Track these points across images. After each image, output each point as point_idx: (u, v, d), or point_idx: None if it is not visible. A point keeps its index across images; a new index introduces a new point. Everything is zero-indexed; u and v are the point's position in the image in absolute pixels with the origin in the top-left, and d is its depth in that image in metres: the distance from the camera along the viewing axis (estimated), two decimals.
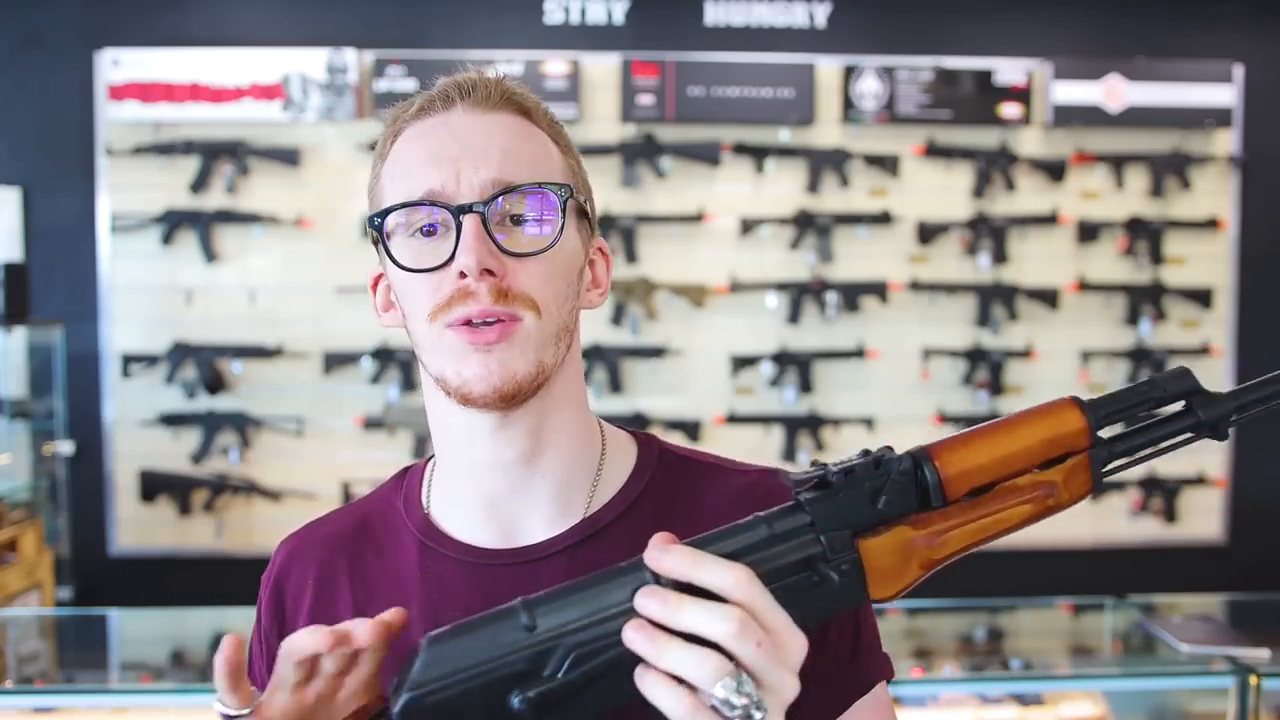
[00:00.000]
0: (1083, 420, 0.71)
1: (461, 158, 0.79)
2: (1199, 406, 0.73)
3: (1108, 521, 4.14)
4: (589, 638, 0.62)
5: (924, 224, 4.01)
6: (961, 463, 0.69)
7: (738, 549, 0.65)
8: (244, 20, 3.95)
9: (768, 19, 4.05)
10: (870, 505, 0.67)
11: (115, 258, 3.92)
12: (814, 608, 0.66)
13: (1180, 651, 2.37)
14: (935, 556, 0.68)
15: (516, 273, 0.78)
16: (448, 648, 0.63)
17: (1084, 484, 0.71)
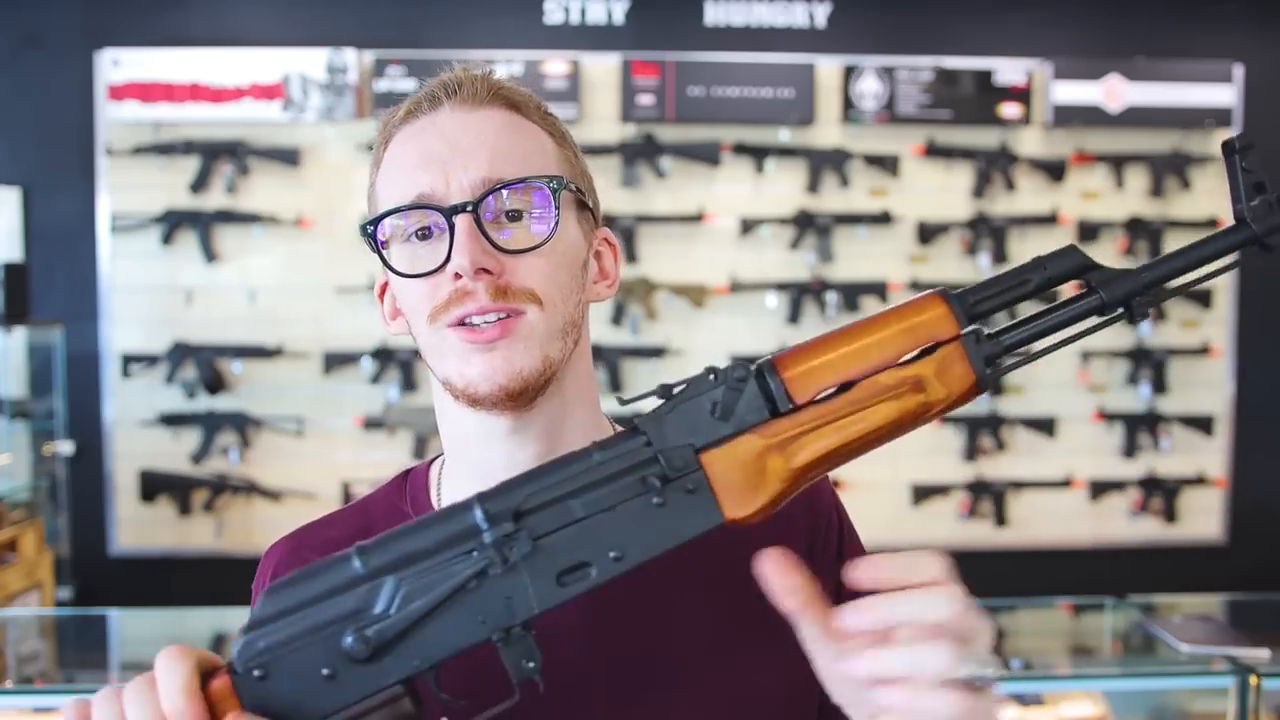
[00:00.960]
0: (943, 305, 0.65)
1: (450, 158, 0.78)
2: (1098, 284, 0.66)
3: (1108, 521, 4.14)
4: (417, 571, 0.62)
5: (924, 224, 4.01)
6: (805, 364, 0.64)
7: (570, 474, 0.63)
8: (244, 20, 3.95)
9: (768, 19, 4.05)
10: (709, 418, 0.63)
11: (115, 258, 3.92)
12: (662, 532, 0.62)
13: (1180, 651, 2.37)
14: (794, 465, 0.63)
15: (515, 269, 0.77)
16: (283, 593, 0.63)
17: (963, 376, 0.64)
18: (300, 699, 0.61)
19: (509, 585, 0.62)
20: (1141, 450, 4.11)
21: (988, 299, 0.66)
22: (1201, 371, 4.13)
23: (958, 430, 4.06)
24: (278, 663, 0.62)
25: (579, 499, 0.63)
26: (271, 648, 0.62)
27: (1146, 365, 4.07)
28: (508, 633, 0.62)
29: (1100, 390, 4.11)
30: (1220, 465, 4.15)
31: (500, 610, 0.62)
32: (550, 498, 0.63)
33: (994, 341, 0.65)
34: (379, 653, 0.61)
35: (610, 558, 0.63)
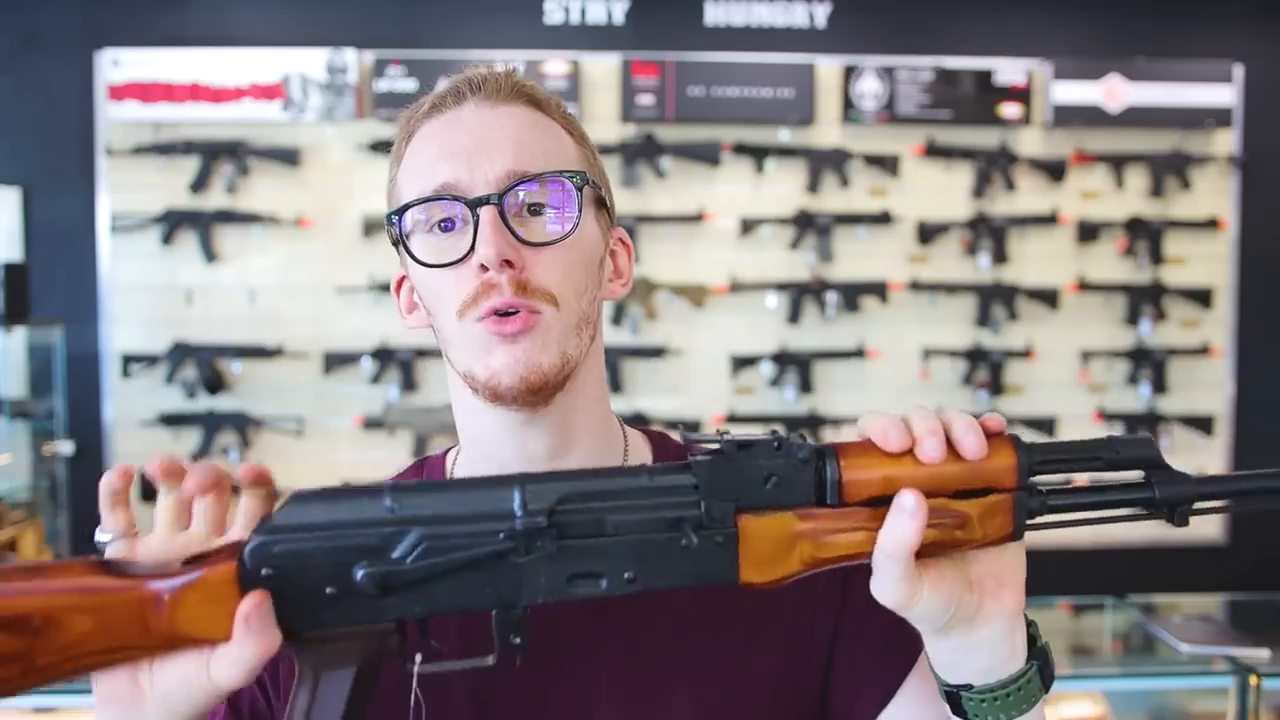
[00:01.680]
0: (1013, 458, 0.66)
1: (475, 151, 0.79)
2: (1158, 482, 0.68)
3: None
4: (444, 532, 0.64)
5: (924, 224, 4.01)
6: (867, 467, 0.65)
7: (613, 489, 0.65)
8: (244, 20, 3.95)
9: (768, 19, 4.05)
10: (760, 484, 0.65)
11: (115, 258, 3.92)
12: (678, 571, 0.64)
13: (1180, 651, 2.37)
14: (820, 555, 0.65)
15: (534, 264, 0.78)
16: (311, 506, 0.65)
17: (1002, 526, 0.66)
18: (298, 607, 0.64)
19: (523, 571, 0.64)
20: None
21: (1053, 463, 0.67)
22: (1201, 371, 4.13)
23: None
24: (288, 570, 0.64)
25: (614, 516, 0.64)
26: (286, 555, 0.64)
27: (1146, 365, 4.07)
28: (508, 609, 0.65)
29: (1100, 390, 4.11)
30: (1220, 465, 4.15)
31: (508, 589, 0.64)
32: (588, 505, 0.65)
33: (1041, 500, 0.67)
34: (386, 592, 0.64)
35: (624, 577, 0.65)
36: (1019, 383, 4.06)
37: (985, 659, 0.68)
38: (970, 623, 0.67)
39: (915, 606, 0.64)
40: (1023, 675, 0.68)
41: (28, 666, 0.62)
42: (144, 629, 0.62)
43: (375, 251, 3.90)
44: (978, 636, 0.67)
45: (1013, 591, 0.68)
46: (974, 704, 0.68)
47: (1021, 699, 0.68)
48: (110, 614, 0.62)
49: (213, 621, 0.63)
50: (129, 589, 0.63)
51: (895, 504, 0.63)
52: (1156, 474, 0.68)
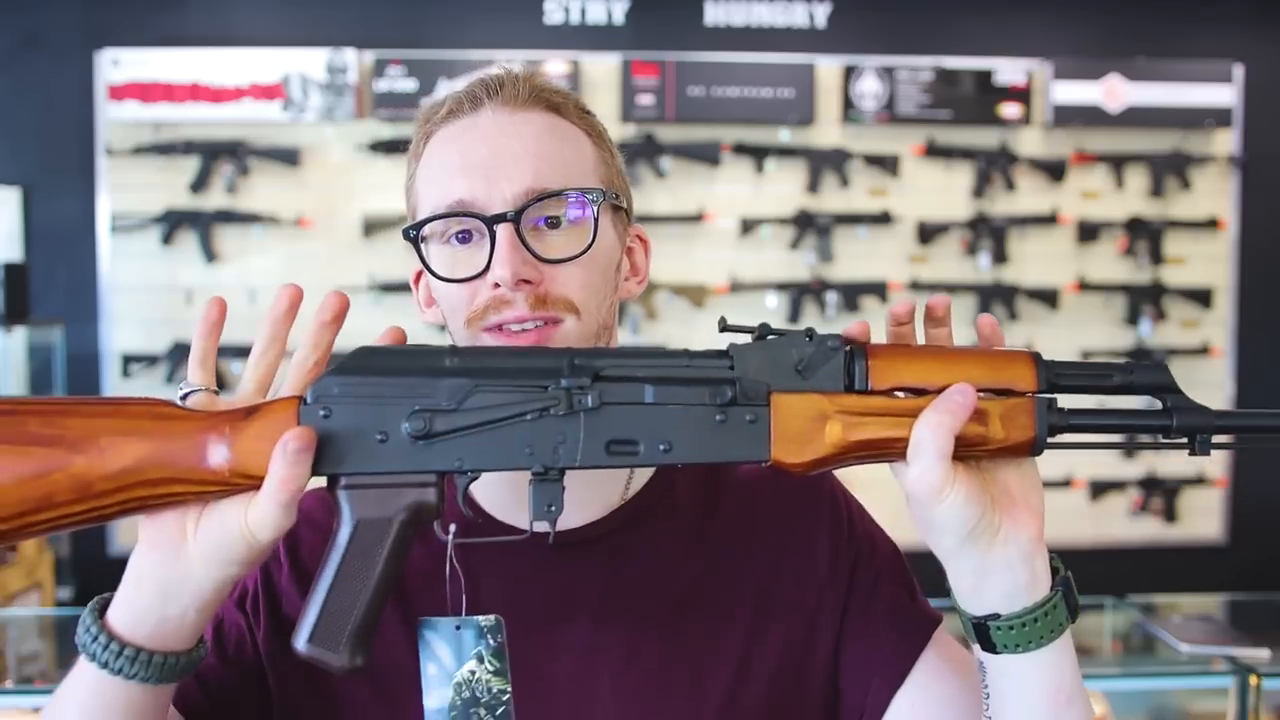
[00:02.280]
0: (1032, 367, 0.69)
1: (493, 165, 0.79)
2: (1176, 410, 0.70)
3: (1108, 521, 4.14)
4: (494, 385, 0.67)
5: (924, 224, 4.01)
6: (894, 357, 0.70)
7: (651, 364, 0.69)
8: (244, 20, 3.95)
9: (768, 19, 4.05)
10: (792, 369, 0.69)
11: (115, 258, 3.92)
12: (713, 446, 0.68)
13: (1180, 651, 2.37)
14: (850, 438, 0.68)
15: (554, 278, 0.79)
16: (377, 355, 0.69)
17: (1025, 428, 0.69)
18: (348, 448, 0.67)
19: (563, 431, 0.67)
20: (1142, 450, 4.11)
21: (1070, 376, 0.70)
22: (1201, 371, 4.12)
23: None
24: (344, 410, 0.67)
25: (654, 387, 0.68)
26: (344, 396, 0.68)
27: None
28: (546, 471, 0.68)
29: None
30: (1220, 465, 4.15)
31: (547, 449, 0.67)
32: (630, 374, 0.68)
33: (1062, 415, 0.69)
34: (430, 438, 0.67)
35: (659, 448, 0.68)
36: None
37: (1006, 581, 0.69)
38: (991, 538, 0.68)
39: (945, 499, 0.65)
40: (1047, 601, 0.69)
41: (84, 491, 0.64)
42: (200, 461, 0.65)
43: (375, 251, 3.90)
44: (997, 555, 0.68)
45: (1030, 513, 0.70)
46: (1001, 633, 0.69)
47: (1049, 624, 0.69)
48: (171, 442, 0.65)
49: (268, 456, 0.65)
50: (192, 420, 0.66)
51: (951, 388, 0.66)
52: (1174, 399, 0.70)
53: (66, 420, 0.64)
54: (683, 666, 0.83)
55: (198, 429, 0.66)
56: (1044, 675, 0.70)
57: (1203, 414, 0.69)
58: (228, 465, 0.65)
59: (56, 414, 0.64)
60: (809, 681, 0.85)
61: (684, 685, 0.82)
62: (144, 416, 0.65)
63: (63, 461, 0.63)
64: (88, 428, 0.64)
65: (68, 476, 0.63)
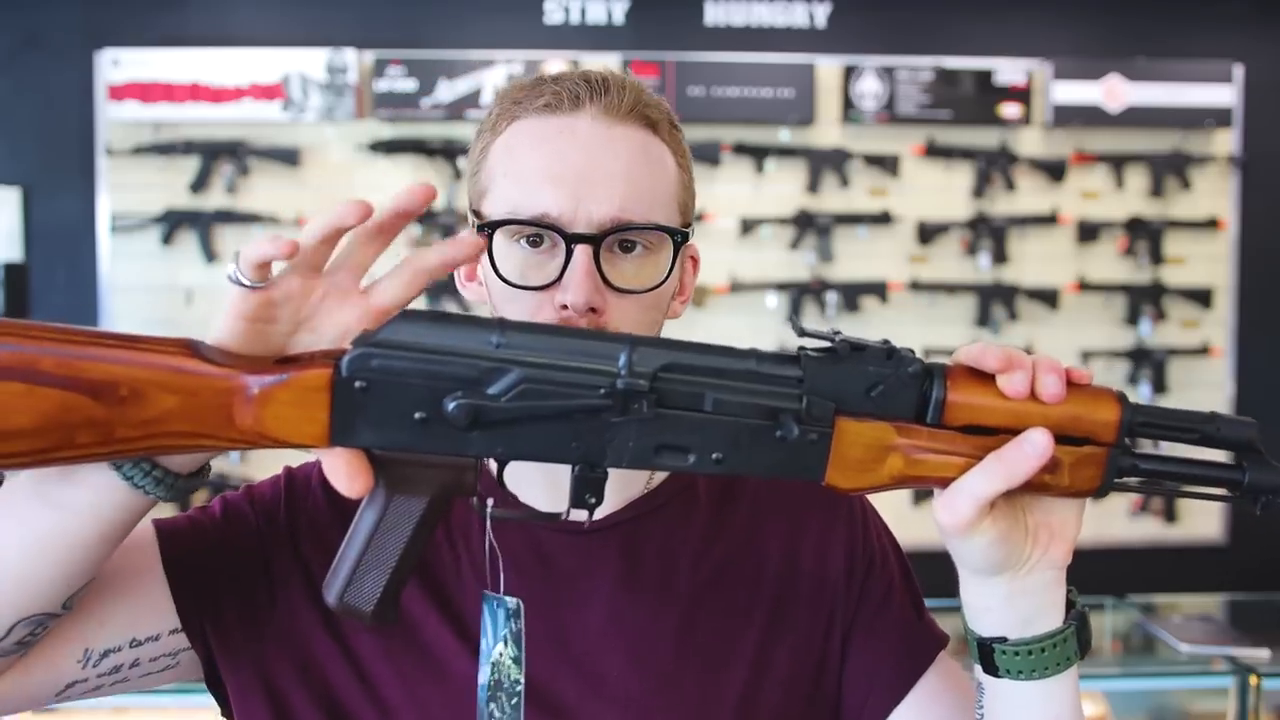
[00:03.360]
0: (1117, 413, 0.66)
1: (583, 181, 0.77)
2: (1251, 466, 0.67)
3: (1108, 521, 4.14)
4: (544, 377, 0.63)
5: (924, 224, 4.01)
6: (974, 393, 0.65)
7: (719, 367, 0.64)
8: (244, 20, 3.95)
9: (768, 19, 4.05)
10: (865, 390, 0.64)
11: (115, 258, 3.92)
12: (767, 461, 0.64)
13: (1180, 651, 2.37)
14: (910, 473, 0.65)
15: (616, 306, 0.77)
16: (417, 326, 0.64)
17: (1092, 479, 0.66)
18: (384, 423, 0.63)
19: (614, 431, 0.64)
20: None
21: (1154, 427, 0.67)
22: (1201, 371, 4.12)
23: None
24: (381, 386, 0.63)
25: (715, 394, 0.64)
26: (382, 370, 0.63)
27: (1146, 365, 4.07)
28: (591, 467, 0.64)
29: None
30: None
31: (594, 446, 0.64)
32: (692, 377, 0.64)
33: (1133, 461, 0.67)
34: (476, 426, 0.63)
35: (712, 457, 0.64)
36: None
37: (1025, 608, 0.67)
38: (1018, 569, 0.66)
39: (973, 537, 0.63)
40: (1060, 633, 0.68)
41: (106, 435, 0.61)
42: (227, 420, 0.63)
43: None
44: (1022, 584, 0.66)
45: (1062, 544, 0.67)
46: (1006, 657, 0.67)
47: (1056, 656, 0.67)
48: (198, 399, 0.62)
49: (297, 424, 0.63)
50: (221, 377, 0.63)
51: (1024, 437, 0.62)
52: (1251, 458, 0.67)
53: (83, 365, 0.60)
54: (697, 660, 0.83)
55: (224, 388, 0.63)
56: (1043, 706, 0.68)
57: (1277, 473, 0.67)
58: (254, 429, 0.64)
59: (73, 356, 0.60)
60: (821, 687, 0.85)
61: (698, 678, 0.82)
62: (165, 369, 0.63)
63: (82, 407, 0.60)
64: (107, 374, 0.61)
65: (88, 421, 0.60)
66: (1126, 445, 0.66)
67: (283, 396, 0.63)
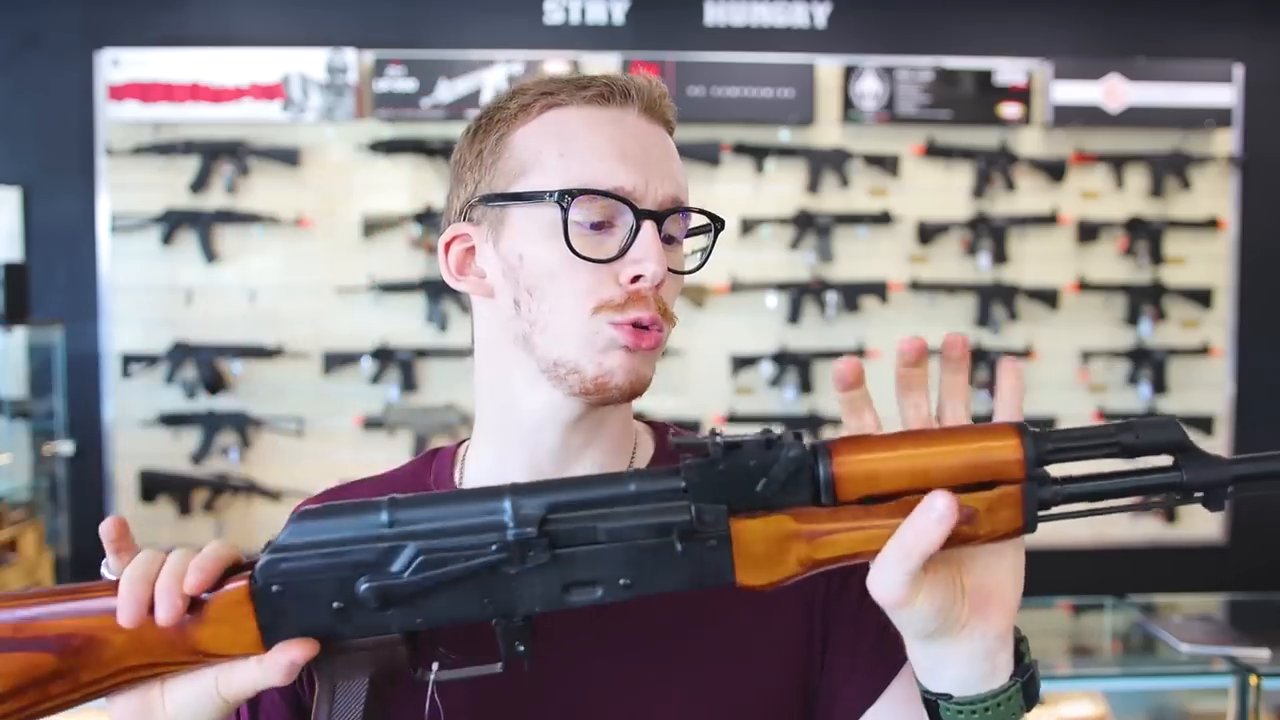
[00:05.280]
0: (1019, 450, 0.62)
1: (648, 164, 0.81)
2: (1186, 465, 0.64)
3: (1108, 521, 4.14)
4: (439, 545, 0.65)
5: (924, 224, 4.01)
6: (862, 464, 0.63)
7: (603, 497, 0.65)
8: (244, 20, 3.95)
9: (768, 19, 4.05)
10: (751, 485, 0.63)
11: (115, 258, 3.92)
12: (674, 576, 0.64)
13: (1180, 651, 2.37)
14: (816, 556, 0.63)
15: (665, 287, 0.82)
16: (313, 523, 0.67)
17: (1012, 519, 0.62)
18: (307, 619, 0.66)
19: (518, 581, 0.65)
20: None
21: (1066, 450, 0.63)
22: (1201, 371, 4.13)
23: None
24: (295, 586, 0.66)
25: (605, 524, 0.64)
26: (293, 572, 0.66)
27: (1146, 365, 4.07)
28: (507, 619, 0.66)
29: (1100, 390, 4.11)
30: None
31: (504, 599, 0.66)
32: (578, 515, 0.65)
33: (1054, 489, 0.63)
34: (389, 605, 0.66)
35: (620, 584, 0.65)
36: None
37: (963, 670, 0.67)
38: (955, 634, 0.65)
39: (910, 607, 0.63)
40: (1003, 692, 0.67)
41: (74, 682, 0.67)
42: (174, 645, 0.67)
43: (375, 251, 3.90)
44: (959, 650, 0.66)
45: (1001, 611, 0.66)
46: (950, 713, 0.67)
47: (1001, 714, 0.67)
48: (142, 632, 0.66)
49: (232, 638, 0.66)
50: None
51: (925, 504, 0.60)
52: (1184, 457, 0.64)
53: (36, 625, 0.67)
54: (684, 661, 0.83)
55: None
56: None
57: (1217, 466, 0.64)
58: (197, 649, 0.67)
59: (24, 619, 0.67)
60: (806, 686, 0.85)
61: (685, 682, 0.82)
62: (107, 612, 0.67)
63: (45, 662, 0.66)
64: (58, 628, 0.67)
65: (54, 673, 0.66)
66: (1042, 476, 0.63)
67: (212, 615, 0.66)
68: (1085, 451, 0.63)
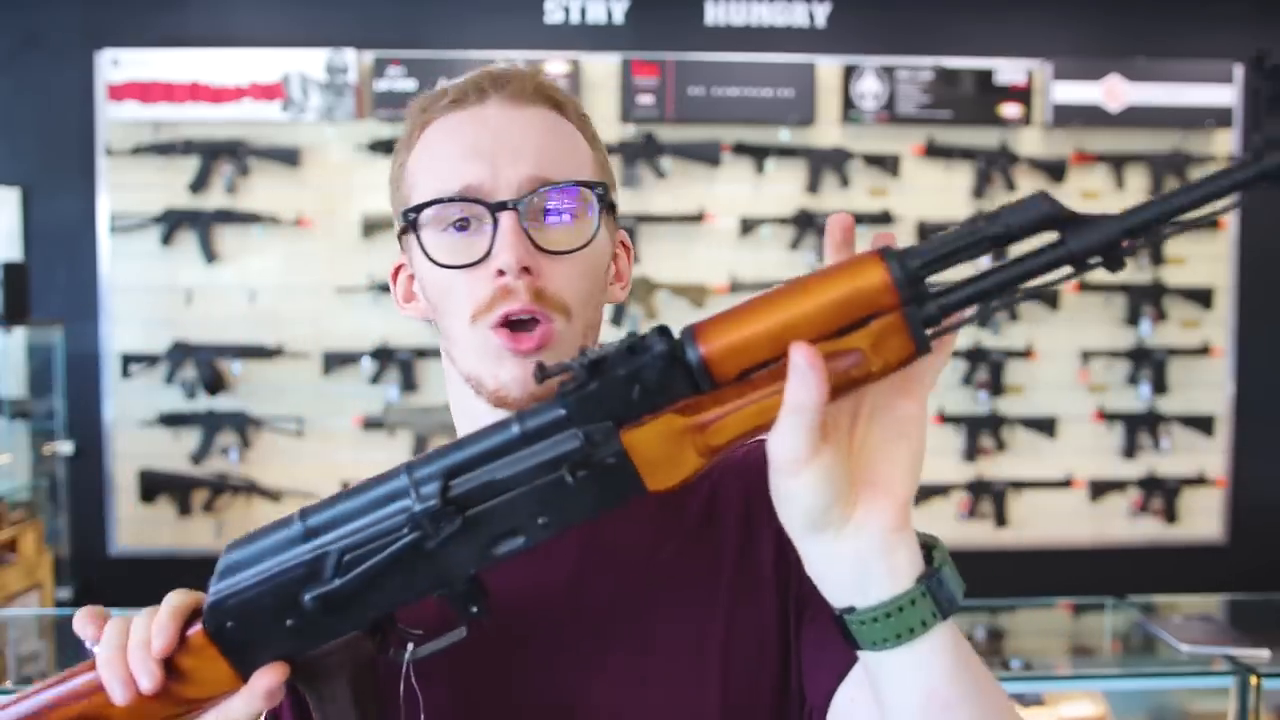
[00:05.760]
0: (885, 275, 0.58)
1: (498, 153, 0.79)
2: (1069, 234, 0.57)
3: (1108, 521, 4.14)
4: (356, 541, 0.66)
5: (924, 224, 4.01)
6: (729, 339, 0.60)
7: (489, 448, 0.64)
8: (244, 20, 3.95)
9: (768, 19, 4.05)
10: (628, 394, 0.62)
11: (115, 258, 3.92)
12: (586, 503, 0.63)
13: (1180, 651, 2.37)
14: (713, 443, 0.61)
15: (550, 273, 0.78)
16: (239, 554, 0.69)
17: (901, 347, 0.58)
18: (269, 642, 0.68)
19: (443, 551, 0.65)
20: (1142, 450, 4.11)
21: (935, 260, 0.59)
22: (1201, 371, 4.13)
23: (957, 430, 4.06)
24: (244, 617, 0.68)
25: (504, 473, 0.64)
26: (237, 605, 0.68)
27: (1146, 365, 4.07)
28: (450, 587, 0.66)
29: (1100, 390, 4.11)
30: (1220, 465, 4.15)
31: (438, 571, 0.66)
32: (476, 473, 0.64)
33: (938, 301, 0.59)
34: (334, 609, 0.67)
35: (538, 524, 0.65)
36: (1019, 383, 4.06)
37: (858, 573, 0.62)
38: (839, 528, 0.61)
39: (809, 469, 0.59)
40: (905, 595, 0.61)
41: None
42: (166, 702, 0.69)
43: (375, 251, 3.90)
44: (847, 546, 0.61)
45: (890, 500, 0.61)
46: (856, 627, 0.63)
47: (909, 621, 0.61)
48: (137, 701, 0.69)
49: (212, 681, 0.69)
50: None
51: (790, 365, 0.57)
52: (1064, 227, 0.58)
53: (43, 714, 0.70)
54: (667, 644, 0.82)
55: None
56: (914, 675, 0.63)
57: (1102, 225, 0.57)
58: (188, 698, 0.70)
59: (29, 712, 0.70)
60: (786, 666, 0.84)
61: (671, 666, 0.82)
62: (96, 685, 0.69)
63: None
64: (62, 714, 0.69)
65: None
66: (920, 293, 0.59)
67: (186, 667, 0.69)
68: (955, 256, 0.60)
